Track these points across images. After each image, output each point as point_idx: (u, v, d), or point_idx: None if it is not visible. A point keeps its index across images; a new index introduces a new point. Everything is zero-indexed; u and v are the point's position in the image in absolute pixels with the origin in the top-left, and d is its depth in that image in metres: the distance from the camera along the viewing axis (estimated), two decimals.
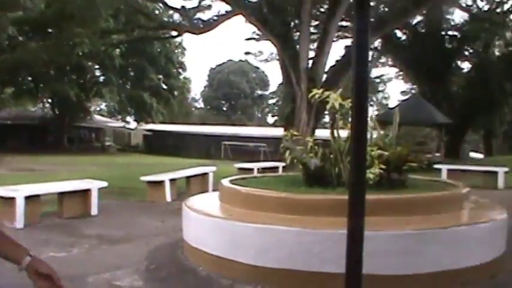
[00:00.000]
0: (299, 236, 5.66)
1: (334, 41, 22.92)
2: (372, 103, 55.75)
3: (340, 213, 2.97)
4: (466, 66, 37.93)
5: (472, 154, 41.77)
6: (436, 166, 17.84)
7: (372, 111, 53.81)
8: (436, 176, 13.88)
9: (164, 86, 50.44)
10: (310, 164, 6.80)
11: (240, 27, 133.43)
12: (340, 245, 2.76)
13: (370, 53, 35.37)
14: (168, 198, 12.93)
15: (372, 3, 26.36)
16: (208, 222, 6.49)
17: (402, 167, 6.73)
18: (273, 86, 78.94)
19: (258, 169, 17.67)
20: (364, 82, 2.79)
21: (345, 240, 2.57)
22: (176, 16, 30.48)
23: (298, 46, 20.79)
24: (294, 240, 5.68)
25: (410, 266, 5.45)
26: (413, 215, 6.05)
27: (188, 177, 14.81)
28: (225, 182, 7.72)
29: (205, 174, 15.52)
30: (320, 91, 6.99)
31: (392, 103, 52.91)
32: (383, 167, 6.37)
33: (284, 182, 7.65)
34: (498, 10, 33.43)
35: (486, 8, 34.59)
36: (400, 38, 35.33)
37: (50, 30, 31.17)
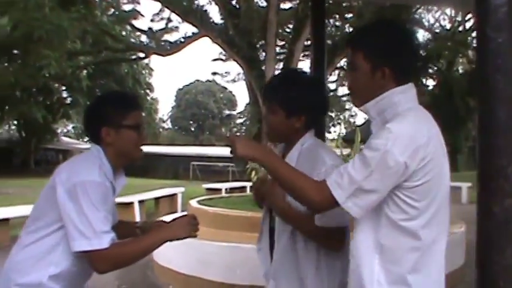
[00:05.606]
0: None
1: (300, 60, 23.26)
2: (339, 121, 56.16)
3: None
4: (430, 83, 38.70)
5: None
6: None
7: (340, 130, 54.20)
8: None
9: None
10: None
11: (207, 48, 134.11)
12: None
13: (336, 71, 36.01)
14: (137, 219, 12.96)
15: (337, 23, 26.96)
16: (177, 242, 6.63)
17: None
18: (241, 106, 79.03)
19: (226, 189, 17.80)
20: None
21: None
22: (143, 38, 30.61)
23: (264, 67, 21.07)
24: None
25: None
26: None
27: (157, 198, 14.92)
28: (193, 202, 7.94)
29: (173, 195, 15.64)
30: None
31: (359, 121, 53.54)
32: None
33: (250, 201, 7.86)
34: (460, 29, 34.33)
35: (448, 26, 35.55)
36: None
37: (15, 52, 30.93)
